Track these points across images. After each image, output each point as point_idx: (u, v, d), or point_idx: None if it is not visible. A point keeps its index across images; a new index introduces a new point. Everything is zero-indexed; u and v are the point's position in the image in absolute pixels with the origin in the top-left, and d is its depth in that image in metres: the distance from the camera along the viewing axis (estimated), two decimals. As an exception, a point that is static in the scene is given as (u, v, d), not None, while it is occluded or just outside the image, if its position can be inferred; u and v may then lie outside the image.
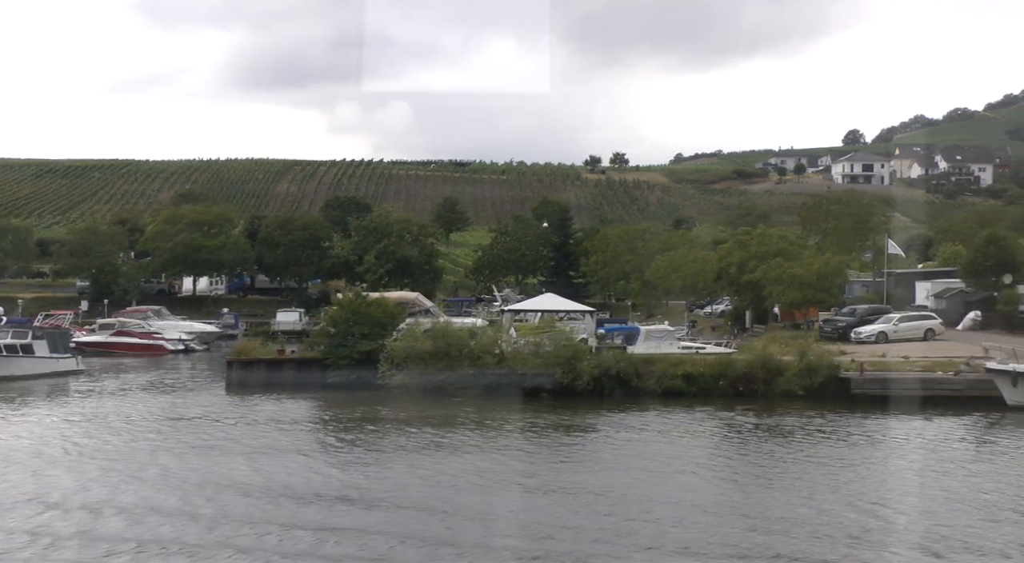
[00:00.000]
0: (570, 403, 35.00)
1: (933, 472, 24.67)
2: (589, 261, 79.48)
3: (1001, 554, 17.35)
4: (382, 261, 78.07)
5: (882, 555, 17.27)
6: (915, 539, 18.22)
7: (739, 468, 25.41)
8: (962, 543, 17.92)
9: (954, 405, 34.90)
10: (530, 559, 16.63)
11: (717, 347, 46.08)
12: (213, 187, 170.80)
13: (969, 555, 17.32)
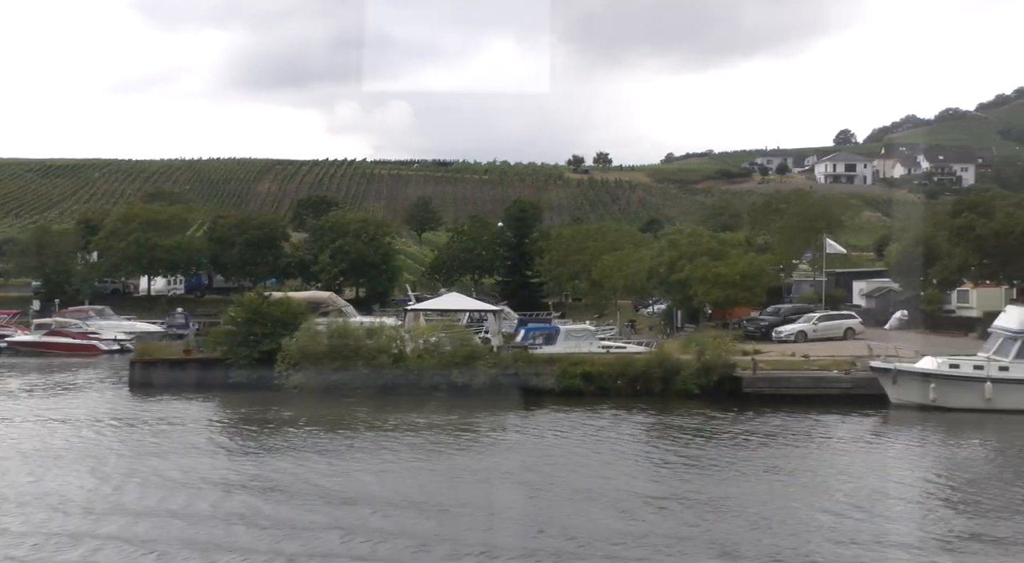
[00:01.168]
0: (465, 403, 35.37)
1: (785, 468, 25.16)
2: (544, 261, 79.96)
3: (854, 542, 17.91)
4: (336, 260, 78.59)
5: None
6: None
7: (612, 464, 25.77)
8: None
9: (842, 403, 35.40)
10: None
11: (638, 347, 46.75)
12: (194, 187, 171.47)
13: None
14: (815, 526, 19.12)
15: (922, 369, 34.91)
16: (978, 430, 31.49)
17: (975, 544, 17.97)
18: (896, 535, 18.45)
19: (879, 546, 17.75)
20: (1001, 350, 35.00)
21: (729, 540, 18.09)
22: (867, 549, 17.57)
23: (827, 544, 17.85)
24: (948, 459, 27.47)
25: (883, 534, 18.48)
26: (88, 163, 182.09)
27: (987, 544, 17.98)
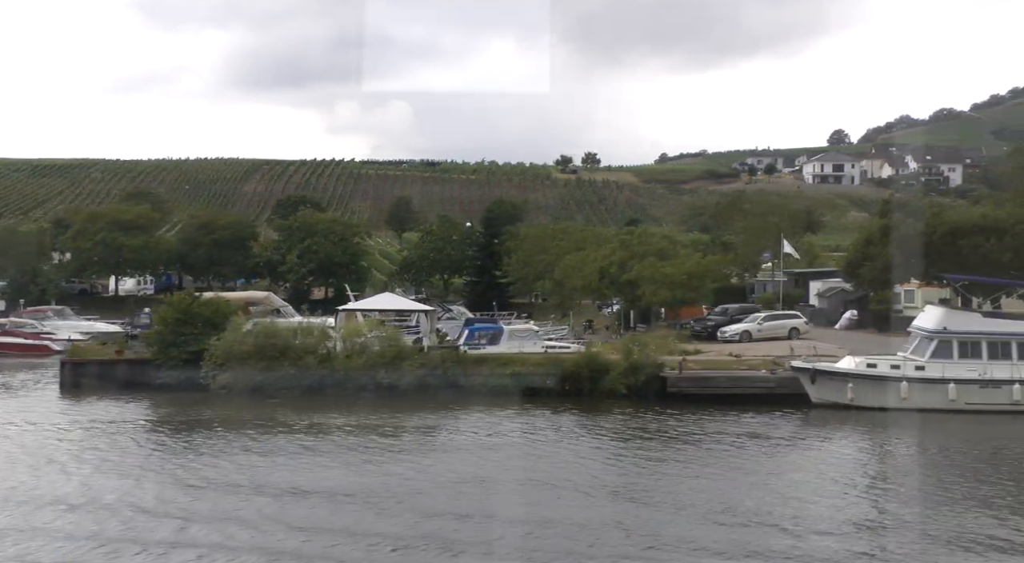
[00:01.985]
0: (391, 403, 35.63)
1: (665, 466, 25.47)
2: (511, 261, 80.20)
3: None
4: (304, 261, 78.88)
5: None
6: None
7: (521, 464, 25.92)
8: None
9: (766, 402, 35.64)
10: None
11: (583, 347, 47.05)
12: (180, 186, 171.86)
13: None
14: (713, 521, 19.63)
15: (840, 369, 35.22)
16: (890, 429, 31.73)
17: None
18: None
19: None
20: (918, 350, 35.33)
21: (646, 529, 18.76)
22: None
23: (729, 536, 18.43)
24: (851, 457, 27.79)
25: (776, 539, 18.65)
26: (77, 163, 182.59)
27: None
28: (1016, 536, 18.65)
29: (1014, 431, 31.77)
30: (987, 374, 33.97)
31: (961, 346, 34.48)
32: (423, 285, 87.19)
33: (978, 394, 33.92)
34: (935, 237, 38.77)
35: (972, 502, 21.36)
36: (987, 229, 38.71)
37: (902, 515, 20.24)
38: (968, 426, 32.23)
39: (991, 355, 34.24)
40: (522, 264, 78.46)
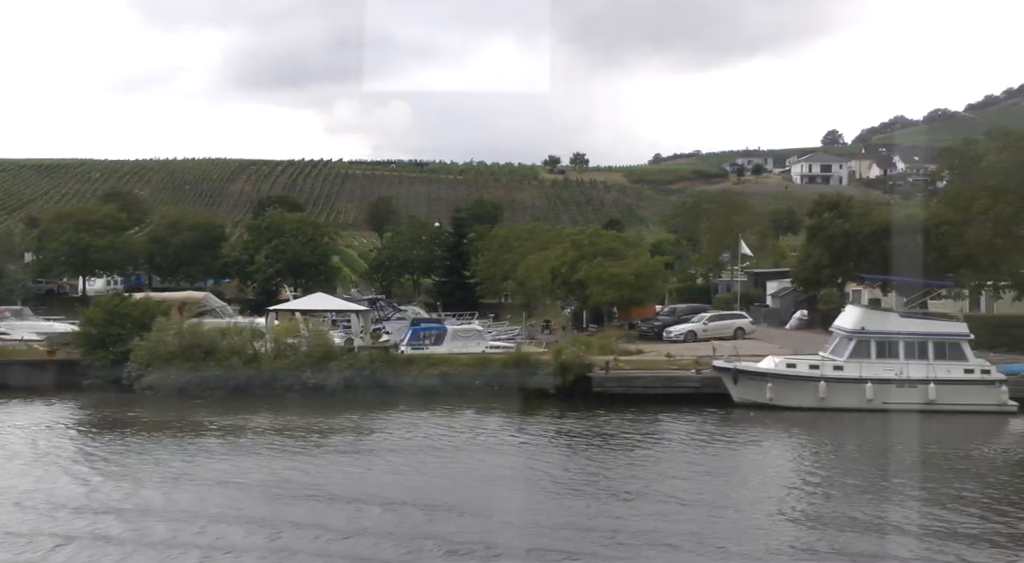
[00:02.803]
0: (317, 404, 35.83)
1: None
2: (478, 261, 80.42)
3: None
4: (272, 261, 78.94)
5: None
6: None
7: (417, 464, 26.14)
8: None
9: (690, 402, 35.93)
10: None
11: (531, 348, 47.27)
12: (166, 186, 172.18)
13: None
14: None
15: (759, 369, 35.49)
16: (805, 428, 32.02)
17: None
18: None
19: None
20: (837, 350, 35.62)
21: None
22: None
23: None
24: (758, 456, 28.00)
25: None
26: (64, 163, 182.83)
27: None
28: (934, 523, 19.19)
29: (927, 430, 31.99)
30: (903, 374, 34.23)
31: (879, 346, 34.76)
32: (391, 285, 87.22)
33: (895, 393, 34.19)
34: (861, 237, 38.92)
35: (870, 495, 21.78)
36: (911, 229, 38.92)
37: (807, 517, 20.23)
38: (882, 425, 32.46)
39: (908, 355, 34.53)
40: (489, 264, 78.73)
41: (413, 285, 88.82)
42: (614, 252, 54.09)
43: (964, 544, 17.96)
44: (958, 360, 34.47)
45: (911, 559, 17.29)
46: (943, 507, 20.66)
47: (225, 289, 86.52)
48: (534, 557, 17.24)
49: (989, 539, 18.43)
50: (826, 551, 17.54)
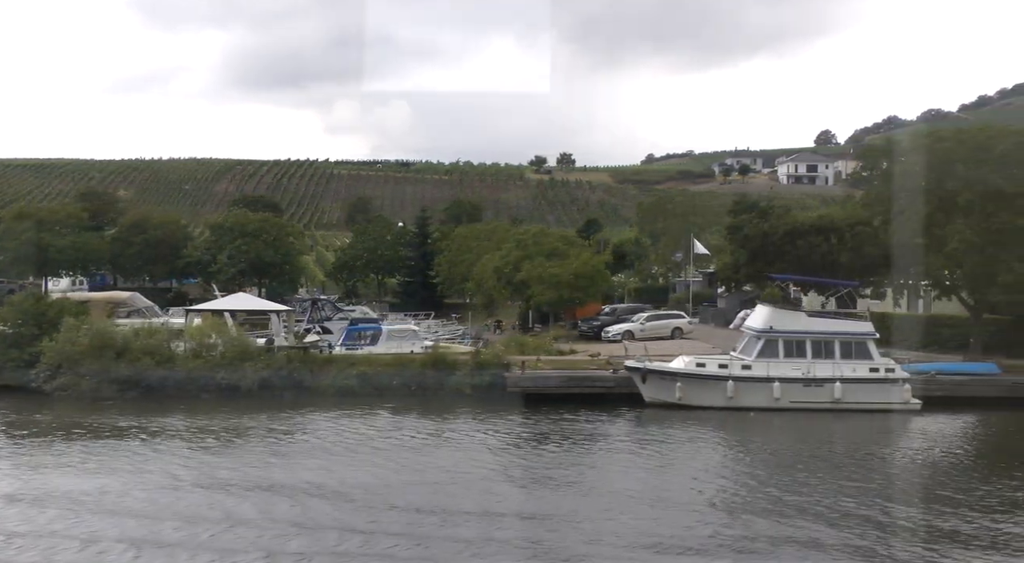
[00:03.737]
0: (232, 404, 35.76)
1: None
2: (441, 261, 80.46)
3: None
4: (234, 261, 79.01)
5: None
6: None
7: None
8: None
9: (604, 402, 35.93)
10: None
11: (464, 347, 47.36)
12: (150, 186, 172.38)
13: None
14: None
15: (668, 368, 35.50)
16: (711, 428, 31.86)
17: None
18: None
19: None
20: (746, 349, 35.68)
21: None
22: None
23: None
24: (653, 455, 27.87)
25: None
26: (51, 163, 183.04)
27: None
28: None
29: (830, 429, 32.07)
30: (810, 373, 34.27)
31: (787, 345, 34.81)
32: (356, 285, 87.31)
33: (801, 392, 34.23)
34: (776, 237, 38.92)
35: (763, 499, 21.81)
36: (824, 229, 38.88)
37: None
38: (787, 424, 32.55)
39: (815, 354, 34.57)
40: (450, 264, 78.78)
41: (378, 285, 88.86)
42: (557, 252, 54.09)
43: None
44: (864, 359, 34.53)
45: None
46: (850, 499, 21.15)
47: (189, 289, 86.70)
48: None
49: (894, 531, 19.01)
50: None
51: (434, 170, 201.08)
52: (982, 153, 36.59)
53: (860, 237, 38.54)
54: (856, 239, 38.46)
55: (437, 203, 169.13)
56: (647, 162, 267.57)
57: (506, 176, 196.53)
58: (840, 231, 38.90)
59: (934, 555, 17.54)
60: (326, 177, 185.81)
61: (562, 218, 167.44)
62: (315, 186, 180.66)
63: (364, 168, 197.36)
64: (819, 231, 38.76)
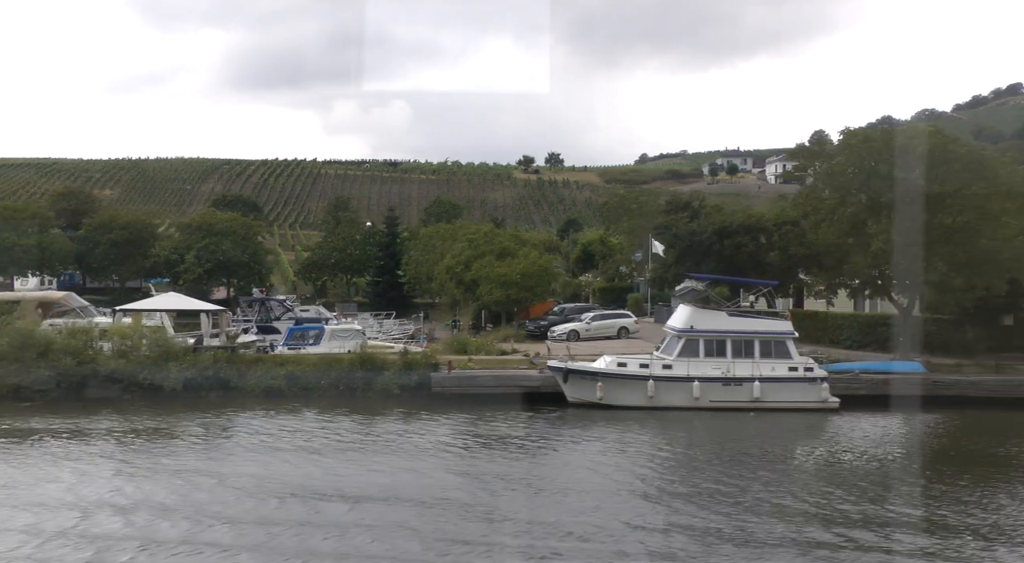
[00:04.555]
0: (154, 405, 35.60)
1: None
2: (408, 261, 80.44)
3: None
4: (202, 260, 78.99)
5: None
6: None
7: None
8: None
9: (528, 401, 35.81)
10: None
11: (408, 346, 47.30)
12: (137, 186, 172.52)
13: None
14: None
15: (589, 368, 35.42)
16: (627, 427, 31.61)
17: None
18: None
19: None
20: (667, 348, 35.61)
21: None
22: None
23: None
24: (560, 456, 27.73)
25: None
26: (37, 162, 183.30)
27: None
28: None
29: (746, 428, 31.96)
30: (730, 372, 34.21)
31: (707, 344, 34.75)
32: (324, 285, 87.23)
33: (721, 392, 34.17)
34: (704, 237, 38.86)
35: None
36: (752, 229, 38.81)
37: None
38: (706, 423, 32.43)
39: (735, 353, 34.52)
40: (417, 264, 78.75)
41: (347, 285, 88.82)
42: (507, 252, 54.04)
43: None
44: (783, 358, 34.47)
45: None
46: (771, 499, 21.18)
47: (158, 289, 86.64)
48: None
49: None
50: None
51: (422, 169, 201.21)
52: (905, 154, 36.56)
53: (788, 237, 38.48)
54: (784, 239, 38.39)
55: (425, 202, 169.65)
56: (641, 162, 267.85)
57: (494, 176, 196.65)
58: (768, 231, 38.81)
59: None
60: (313, 177, 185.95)
61: (548, 218, 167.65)
62: (302, 186, 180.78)
63: (352, 168, 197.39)
64: (747, 231, 38.65)
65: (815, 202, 38.90)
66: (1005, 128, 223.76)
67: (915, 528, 19.28)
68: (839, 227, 37.68)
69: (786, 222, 39.28)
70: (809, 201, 39.43)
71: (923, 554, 17.61)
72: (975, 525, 19.44)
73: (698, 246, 38.65)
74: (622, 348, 43.92)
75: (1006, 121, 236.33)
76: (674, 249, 40.30)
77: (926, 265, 36.05)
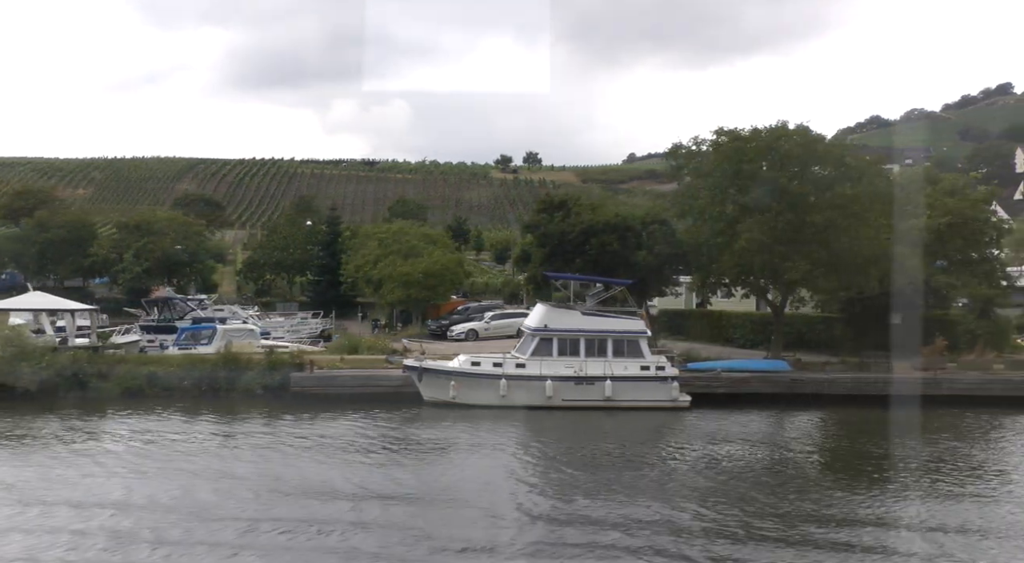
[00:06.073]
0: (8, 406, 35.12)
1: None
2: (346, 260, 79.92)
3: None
4: (140, 259, 78.62)
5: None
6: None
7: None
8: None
9: (387, 401, 35.36)
10: None
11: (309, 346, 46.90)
12: (110, 185, 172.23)
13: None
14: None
15: (443, 367, 35.00)
16: (478, 427, 31.10)
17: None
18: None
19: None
20: (522, 347, 35.22)
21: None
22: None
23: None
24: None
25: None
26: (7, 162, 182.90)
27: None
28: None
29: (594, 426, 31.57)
30: (583, 371, 33.78)
31: (560, 343, 34.33)
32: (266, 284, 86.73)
33: (573, 390, 33.77)
34: (572, 235, 38.44)
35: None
36: (618, 228, 38.36)
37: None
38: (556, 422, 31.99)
39: (588, 352, 34.10)
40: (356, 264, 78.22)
41: (289, 284, 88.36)
42: (413, 251, 53.61)
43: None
44: (635, 357, 34.04)
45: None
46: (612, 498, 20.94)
47: (96, 289, 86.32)
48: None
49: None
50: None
51: (400, 169, 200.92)
52: (769, 153, 36.15)
53: (655, 236, 38.04)
54: (651, 238, 37.95)
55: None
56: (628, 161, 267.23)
57: (471, 175, 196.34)
58: (636, 230, 38.39)
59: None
60: (289, 176, 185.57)
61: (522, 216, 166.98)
62: (276, 185, 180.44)
63: (328, 167, 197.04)
64: (613, 230, 38.20)
65: (689, 201, 38.46)
66: (993, 128, 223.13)
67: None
68: (711, 226, 37.23)
69: (655, 221, 38.85)
70: (685, 200, 39.01)
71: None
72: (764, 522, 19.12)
73: (568, 245, 38.21)
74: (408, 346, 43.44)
75: (995, 121, 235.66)
76: (544, 248, 39.87)
77: (789, 264, 35.59)
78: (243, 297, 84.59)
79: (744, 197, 36.35)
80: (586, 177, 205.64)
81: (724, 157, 36.97)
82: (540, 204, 43.64)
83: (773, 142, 36.37)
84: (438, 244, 55.74)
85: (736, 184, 36.65)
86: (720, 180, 37.01)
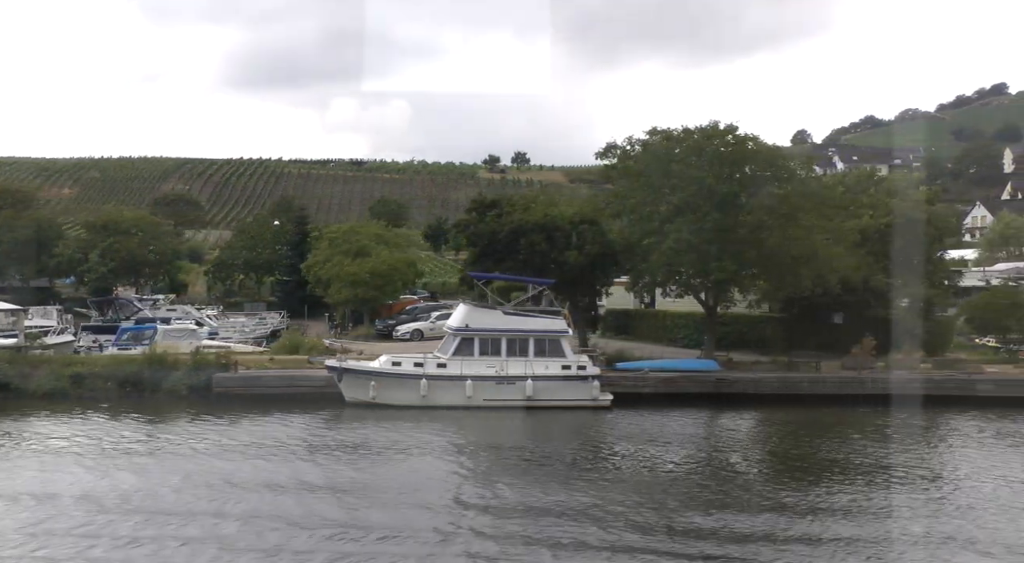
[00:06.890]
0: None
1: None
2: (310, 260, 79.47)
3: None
4: (106, 259, 78.15)
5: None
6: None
7: None
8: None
9: (310, 401, 34.97)
10: None
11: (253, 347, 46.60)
12: (96, 185, 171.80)
13: None
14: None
15: (364, 367, 34.62)
16: (396, 427, 30.64)
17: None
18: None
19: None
20: (444, 347, 34.86)
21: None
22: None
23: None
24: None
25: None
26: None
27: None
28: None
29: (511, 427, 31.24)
30: (503, 371, 33.39)
31: (482, 343, 33.97)
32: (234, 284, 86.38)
33: (494, 390, 33.43)
34: (501, 235, 38.06)
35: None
36: (546, 227, 37.97)
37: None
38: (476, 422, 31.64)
39: (510, 352, 33.73)
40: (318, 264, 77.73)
41: (257, 284, 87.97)
42: (364, 250, 53.23)
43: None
44: (557, 357, 33.66)
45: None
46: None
47: (63, 289, 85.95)
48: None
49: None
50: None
51: (386, 169, 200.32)
52: (696, 153, 35.76)
53: (584, 236, 37.62)
54: (581, 238, 37.55)
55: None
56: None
57: (459, 175, 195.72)
58: (565, 230, 37.99)
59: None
60: (276, 176, 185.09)
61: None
62: (263, 185, 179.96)
63: (316, 167, 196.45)
64: (541, 230, 37.79)
65: (623, 201, 38.07)
66: (988, 128, 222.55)
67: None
68: (642, 226, 36.82)
69: (584, 221, 38.46)
70: (619, 199, 38.61)
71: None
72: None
73: (498, 245, 37.81)
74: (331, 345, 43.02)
75: (989, 121, 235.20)
76: (475, 248, 39.46)
77: (716, 264, 35.18)
78: (211, 297, 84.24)
79: (674, 197, 35.94)
80: (574, 177, 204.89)
81: (654, 157, 36.58)
82: (472, 204, 43.16)
83: (703, 142, 35.97)
84: (391, 244, 55.23)
85: (668, 184, 36.22)
86: (651, 180, 36.61)
